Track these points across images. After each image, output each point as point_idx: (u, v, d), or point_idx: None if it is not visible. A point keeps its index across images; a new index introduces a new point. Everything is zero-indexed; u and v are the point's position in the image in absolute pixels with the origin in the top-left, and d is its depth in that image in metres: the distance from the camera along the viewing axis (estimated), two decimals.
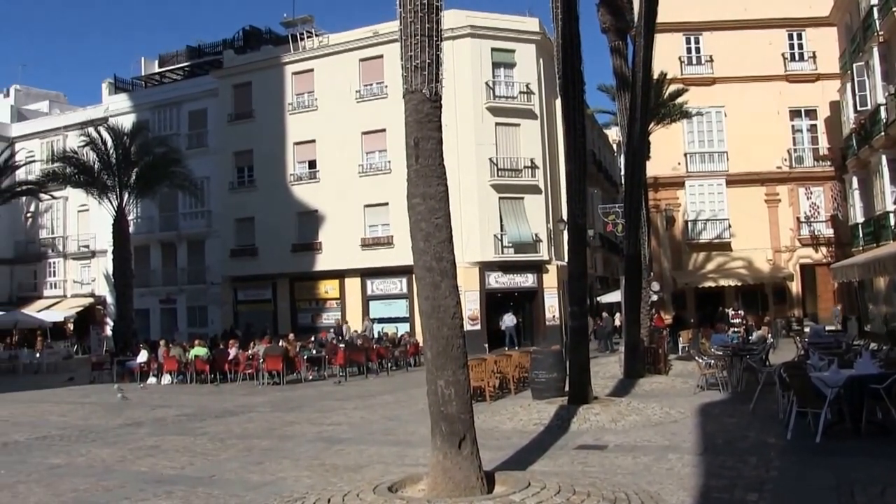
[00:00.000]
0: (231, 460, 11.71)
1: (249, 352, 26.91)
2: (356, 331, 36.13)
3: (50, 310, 47.97)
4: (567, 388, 15.82)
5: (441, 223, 8.59)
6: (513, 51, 39.60)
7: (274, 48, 45.02)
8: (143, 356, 28.10)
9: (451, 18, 35.71)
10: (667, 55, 36.71)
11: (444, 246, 8.59)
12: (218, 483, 10.12)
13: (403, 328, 37.07)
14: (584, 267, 16.02)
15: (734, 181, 40.98)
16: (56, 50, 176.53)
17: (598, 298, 42.82)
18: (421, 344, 31.53)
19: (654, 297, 29.49)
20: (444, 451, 8.35)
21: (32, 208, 52.40)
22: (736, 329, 31.23)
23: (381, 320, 39.29)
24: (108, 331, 42.83)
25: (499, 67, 39.44)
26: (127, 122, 43.83)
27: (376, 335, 34.40)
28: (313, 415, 16.94)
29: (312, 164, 41.90)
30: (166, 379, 26.91)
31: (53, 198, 48.43)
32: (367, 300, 40.44)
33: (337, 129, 40.57)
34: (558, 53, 16.19)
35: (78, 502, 9.41)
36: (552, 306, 38.25)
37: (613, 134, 55.40)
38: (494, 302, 38.28)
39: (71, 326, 48.24)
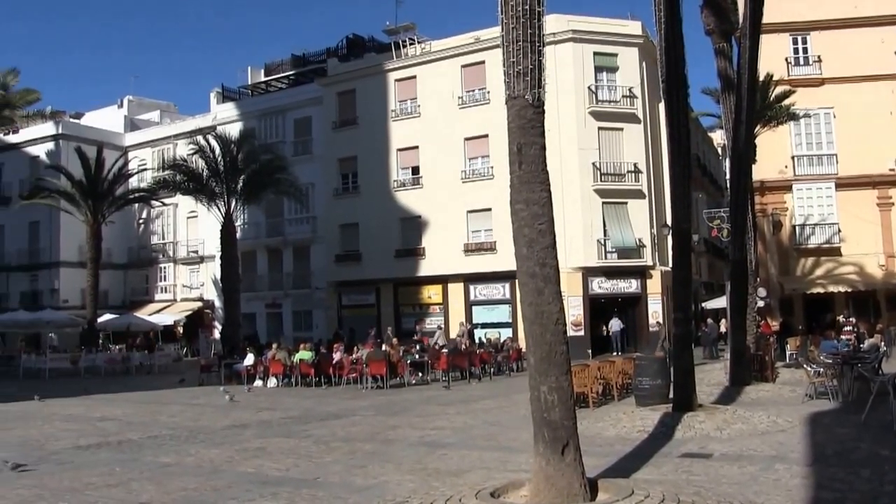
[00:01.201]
0: (335, 463, 11.85)
1: (353, 356, 27.25)
2: (455, 337, 36.16)
3: (160, 313, 49.72)
4: (671, 395, 15.53)
5: (544, 229, 8.53)
6: (615, 55, 39.17)
7: (377, 56, 45.64)
8: (249, 359, 28.75)
9: (552, 23, 35.55)
10: (773, 56, 35.68)
11: (548, 252, 8.52)
12: (322, 485, 10.26)
13: (506, 333, 37.04)
14: (688, 272, 15.68)
15: (844, 184, 39.33)
16: (166, 61, 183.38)
17: (703, 304, 41.88)
18: (523, 349, 31.39)
19: (761, 304, 28.70)
20: (546, 457, 8.28)
21: (144, 215, 54.49)
22: (847, 337, 30.05)
23: (484, 325, 39.43)
24: (216, 334, 44.04)
25: (601, 71, 39.09)
26: (234, 130, 45.12)
27: (476, 340, 34.37)
28: (416, 419, 17.04)
29: (416, 170, 42.28)
30: (272, 382, 27.45)
31: (164, 204, 50.29)
32: (469, 305, 40.58)
33: (439, 135, 40.87)
34: (661, 56, 15.90)
35: (187, 500, 9.65)
36: (656, 312, 37.60)
37: (718, 137, 54.22)
38: (598, 307, 37.90)
39: (180, 330, 49.87)
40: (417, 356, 28.09)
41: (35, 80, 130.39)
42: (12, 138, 56.00)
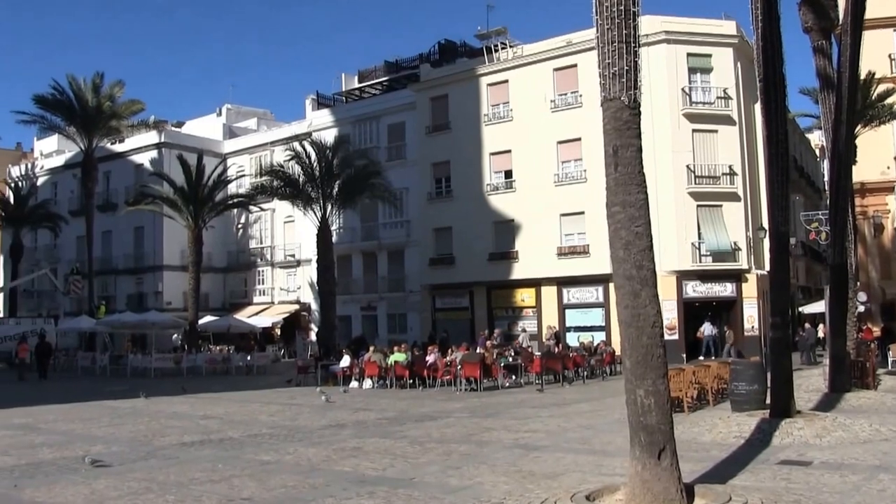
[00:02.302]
0: (430, 464, 11.96)
1: (448, 358, 27.43)
2: (547, 339, 36.06)
3: (259, 316, 50.96)
4: (768, 401, 15.16)
5: (641, 231, 8.47)
6: (709, 55, 38.49)
7: (469, 60, 45.87)
8: (345, 361, 29.20)
9: (645, 25, 34.99)
10: (875, 53, 34.41)
11: (645, 254, 8.46)
12: (418, 485, 10.36)
13: (599, 337, 36.80)
14: (786, 276, 15.29)
15: None
16: (263, 70, 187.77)
17: (801, 309, 40.69)
18: (617, 352, 31.15)
19: (861, 308, 27.76)
20: (642, 461, 8.21)
21: (243, 220, 55.89)
22: None
23: (577, 329, 39.38)
24: (313, 336, 44.83)
25: (695, 73, 38.50)
26: (329, 136, 45.89)
27: (562, 342, 34.19)
28: (510, 422, 17.05)
29: (508, 174, 42.31)
30: (367, 383, 27.83)
31: (262, 210, 51.51)
32: (563, 308, 40.38)
33: (532, 138, 40.81)
34: (758, 56, 15.50)
35: (287, 498, 9.87)
36: (751, 316, 36.77)
37: (816, 138, 52.75)
38: (692, 311, 37.22)
39: (278, 331, 50.95)
40: (511, 359, 28.08)
41: (139, 90, 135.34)
42: (118, 147, 58.33)
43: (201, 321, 44.01)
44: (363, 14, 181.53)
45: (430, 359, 27.83)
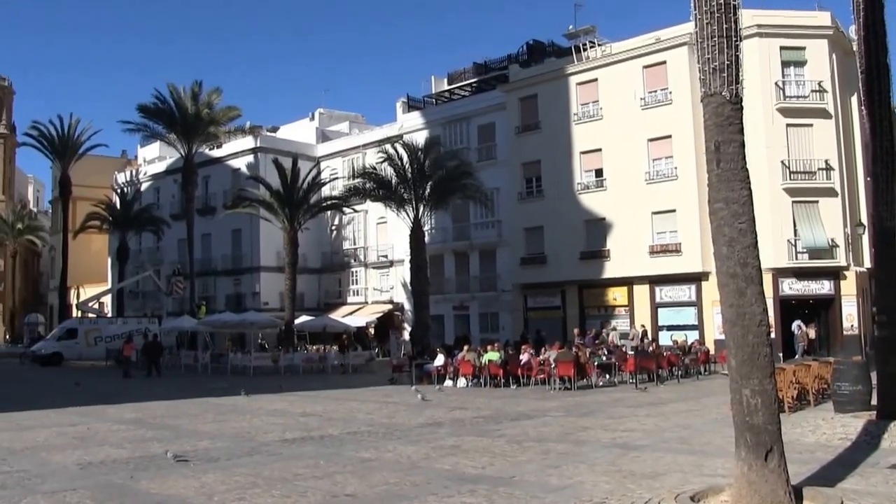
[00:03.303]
0: (529, 462, 11.97)
1: (541, 357, 27.37)
2: (629, 340, 35.51)
3: (353, 315, 51.66)
4: (875, 402, 14.64)
5: (745, 228, 8.34)
6: (803, 48, 37.47)
7: (557, 60, 45.64)
8: (439, 360, 29.38)
9: None
10: None
11: (749, 251, 8.33)
12: (518, 484, 10.38)
13: (693, 336, 36.22)
14: (892, 273, 14.72)
15: None
16: (354, 75, 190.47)
17: None
18: (711, 352, 30.54)
19: None
20: (749, 462, 8.07)
21: (336, 222, 56.77)
22: None
23: (670, 328, 38.86)
24: (406, 335, 45.24)
25: (788, 66, 37.58)
26: (420, 138, 46.19)
27: (649, 341, 33.68)
28: (606, 421, 16.95)
29: (599, 173, 41.95)
30: (461, 382, 27.96)
31: (355, 211, 52.25)
32: (655, 307, 39.86)
33: (622, 137, 40.40)
34: (860, 46, 14.94)
35: (389, 495, 9.98)
36: (850, 315, 35.58)
37: None
38: (788, 310, 36.25)
39: (372, 331, 51.58)
40: (605, 358, 27.86)
41: (235, 97, 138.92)
42: (216, 153, 59.99)
43: (297, 321, 44.84)
44: (452, 17, 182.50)
45: (523, 358, 27.84)
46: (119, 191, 67.75)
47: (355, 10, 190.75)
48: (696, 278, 38.31)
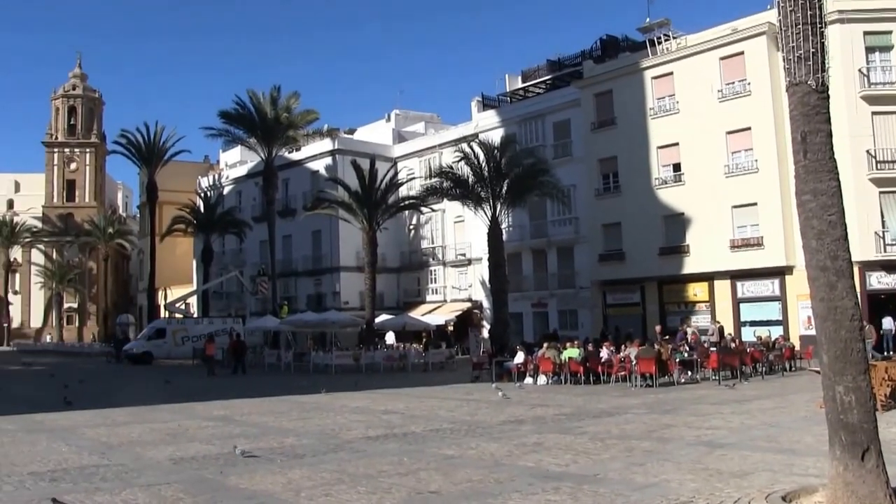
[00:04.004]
0: (613, 460, 11.87)
1: (622, 354, 27.10)
2: (710, 334, 34.63)
3: (432, 313, 51.94)
4: None
5: (835, 220, 8.12)
6: (889, 32, 36.31)
7: (632, 55, 45.12)
8: (519, 357, 29.33)
9: None
10: None
11: (839, 244, 8.11)
12: (602, 482, 10.30)
13: (776, 331, 35.39)
14: None
15: None
16: (429, 75, 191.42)
17: None
18: (796, 348, 29.69)
19: None
20: (844, 462, 7.84)
21: (414, 221, 57.20)
22: None
23: (753, 323, 38.20)
24: (486, 333, 45.25)
25: (873, 52, 36.51)
26: (495, 136, 46.19)
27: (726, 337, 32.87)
28: (689, 418, 16.69)
29: (677, 167, 41.36)
30: (542, 379, 27.86)
31: (433, 210, 52.49)
32: (737, 303, 39.15)
33: (700, 130, 39.78)
34: None
35: (473, 492, 9.95)
36: None
37: None
38: (877, 304, 35.12)
39: (451, 329, 51.76)
40: (686, 354, 27.41)
41: (313, 100, 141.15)
42: (295, 156, 61.03)
43: (377, 320, 45.28)
44: (525, 15, 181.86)
45: (604, 354, 27.60)
46: (203, 195, 69.46)
47: (429, 12, 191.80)
48: (780, 272, 37.44)
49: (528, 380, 28.14)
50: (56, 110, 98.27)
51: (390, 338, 43.08)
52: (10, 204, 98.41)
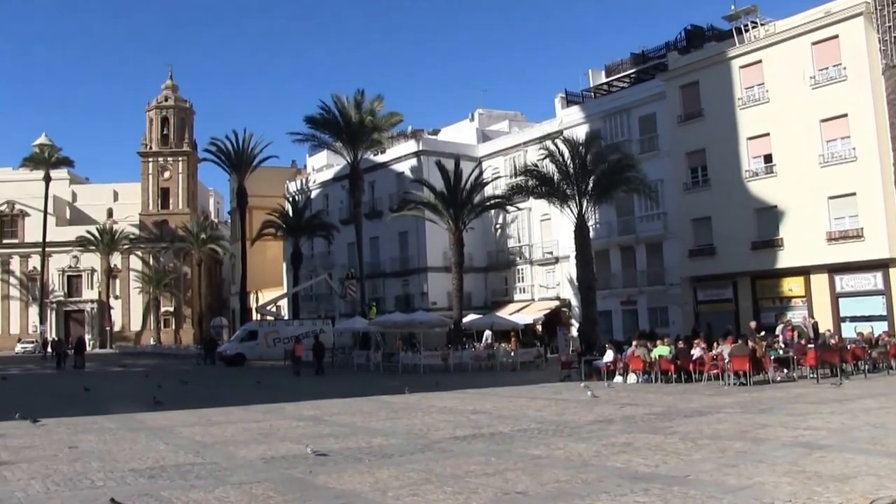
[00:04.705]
0: (704, 461, 11.59)
1: (714, 351, 26.52)
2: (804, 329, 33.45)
3: (520, 313, 51.74)
4: None
5: None
6: None
7: (718, 44, 44.05)
8: (609, 356, 28.99)
9: None
10: None
11: None
12: (693, 483, 10.05)
13: (880, 327, 34.02)
14: None
15: None
16: (512, 73, 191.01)
17: None
18: None
19: None
20: None
21: (500, 220, 57.15)
22: None
23: (853, 319, 36.75)
24: (574, 332, 44.91)
25: None
26: (580, 132, 45.81)
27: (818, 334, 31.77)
28: (786, 418, 16.20)
29: (768, 158, 40.22)
30: (631, 378, 27.49)
31: (518, 209, 52.46)
32: (835, 297, 37.82)
33: (792, 119, 38.61)
34: None
35: (560, 492, 9.84)
36: None
37: None
38: None
39: (539, 328, 51.49)
40: (782, 352, 26.64)
41: (397, 103, 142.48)
42: (381, 158, 61.64)
43: (465, 319, 45.29)
44: (607, 9, 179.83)
45: (695, 352, 27.06)
46: (291, 199, 70.72)
47: (509, 9, 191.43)
48: (883, 265, 35.98)
49: (618, 378, 27.85)
50: (150, 122, 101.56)
51: (487, 336, 43.15)
52: (110, 213, 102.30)
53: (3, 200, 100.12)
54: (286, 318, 60.54)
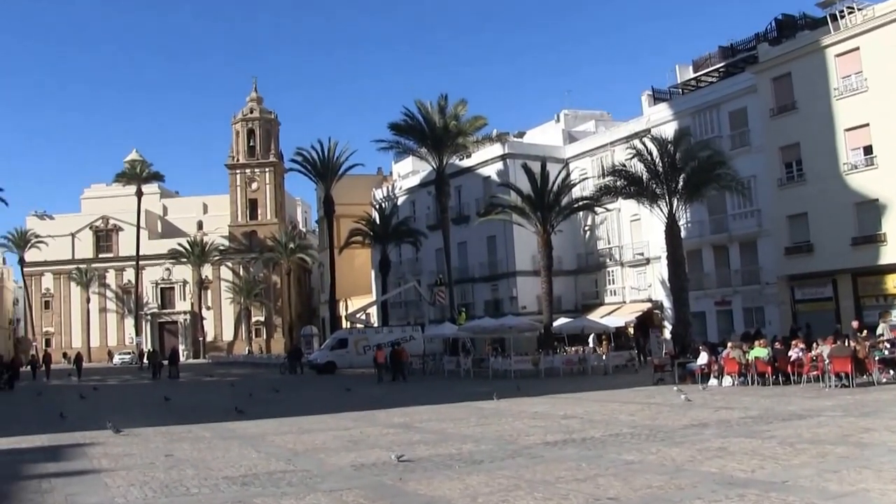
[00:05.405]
0: (804, 466, 11.23)
1: (813, 352, 25.66)
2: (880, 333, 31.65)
3: (611, 315, 51.16)
4: None
5: None
6: None
7: (811, 33, 42.61)
8: (703, 358, 28.41)
9: None
10: None
11: None
12: (792, 489, 9.75)
13: None
14: None
15: None
16: (595, 73, 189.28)
17: None
18: None
19: None
20: None
21: (589, 222, 56.60)
22: None
23: None
24: (667, 334, 44.15)
25: None
26: (668, 130, 45.06)
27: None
28: (891, 422, 15.59)
29: (868, 150, 38.71)
30: (727, 381, 26.87)
31: (607, 210, 51.84)
32: None
33: (894, 107, 36.99)
34: None
35: (653, 498, 9.70)
36: None
37: None
38: None
39: (631, 330, 50.78)
40: (887, 352, 25.58)
41: (481, 107, 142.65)
42: (466, 162, 61.74)
43: (556, 323, 44.99)
44: (693, 2, 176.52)
45: (793, 353, 26.24)
46: (377, 206, 71.48)
47: (593, 5, 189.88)
48: None
49: (713, 381, 27.32)
50: (236, 134, 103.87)
51: (592, 339, 42.78)
52: (200, 225, 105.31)
53: (99, 216, 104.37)
54: (375, 325, 61.13)
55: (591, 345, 42.48)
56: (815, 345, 26.92)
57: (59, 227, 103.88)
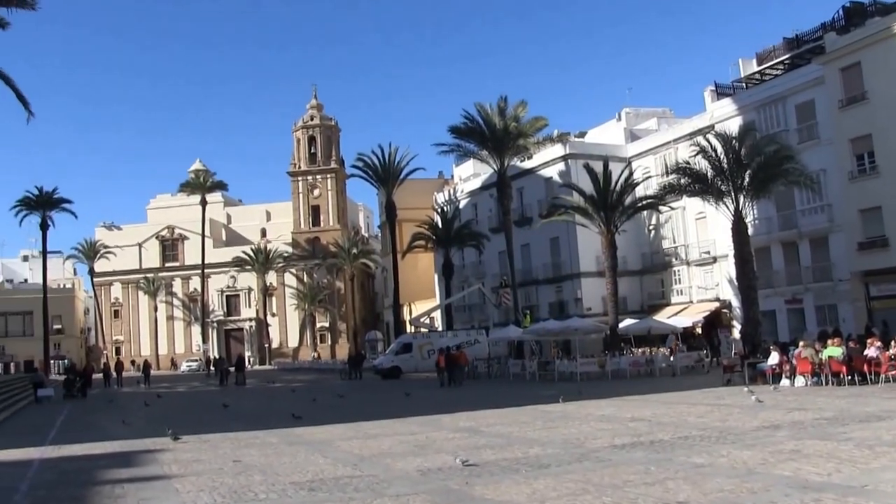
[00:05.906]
0: (884, 470, 10.86)
1: (892, 351, 24.87)
2: None
3: (678, 316, 50.41)
4: None
5: None
6: None
7: (882, 19, 41.34)
8: (774, 358, 27.81)
9: None
10: None
11: None
12: (872, 494, 9.44)
13: None
14: None
15: None
16: (657, 69, 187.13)
17: None
18: None
19: None
20: None
21: (653, 221, 55.83)
22: None
23: None
24: (736, 334, 43.33)
25: None
26: (733, 125, 44.20)
27: None
28: None
29: None
30: (799, 381, 26.25)
31: (671, 209, 51.09)
32: None
33: None
34: None
35: (724, 502, 9.52)
36: None
37: None
38: None
39: (699, 331, 49.96)
40: None
41: (541, 107, 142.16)
42: (527, 164, 61.51)
43: (621, 324, 44.54)
44: None
45: (870, 352, 25.48)
46: (439, 210, 71.58)
47: (653, 1, 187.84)
48: None
49: (785, 382, 26.74)
50: (297, 141, 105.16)
51: (670, 340, 42.27)
52: (263, 233, 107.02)
53: (164, 226, 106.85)
54: (440, 329, 61.20)
55: (669, 345, 41.81)
56: (892, 343, 26.14)
57: (127, 237, 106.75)
